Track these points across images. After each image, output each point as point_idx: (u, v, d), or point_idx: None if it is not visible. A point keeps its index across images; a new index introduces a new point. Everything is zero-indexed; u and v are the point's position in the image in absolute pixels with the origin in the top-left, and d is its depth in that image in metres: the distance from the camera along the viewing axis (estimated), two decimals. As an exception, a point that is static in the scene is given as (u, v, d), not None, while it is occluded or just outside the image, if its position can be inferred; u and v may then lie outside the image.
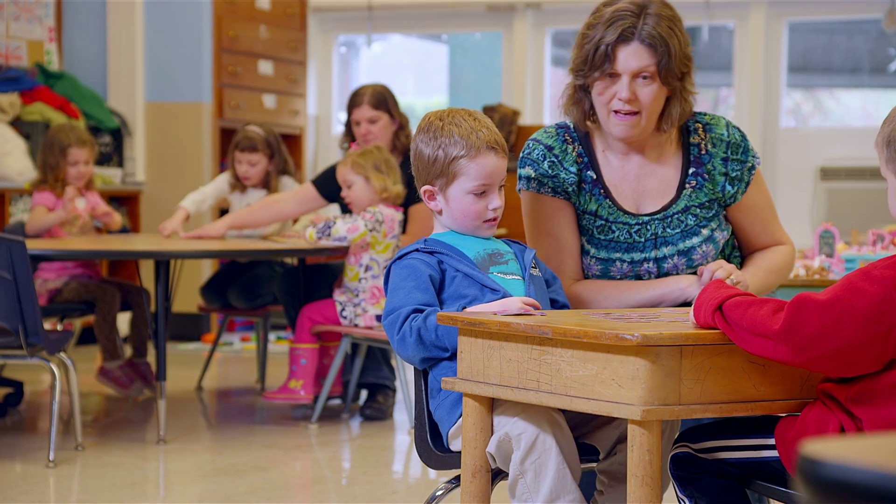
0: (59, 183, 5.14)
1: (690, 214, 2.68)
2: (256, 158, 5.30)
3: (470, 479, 2.25)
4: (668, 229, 2.67)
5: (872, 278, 1.96)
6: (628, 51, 2.56)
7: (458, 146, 2.41)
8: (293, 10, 7.85)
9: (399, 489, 3.97)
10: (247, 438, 4.55)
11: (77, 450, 4.27)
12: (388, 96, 5.10)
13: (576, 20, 8.13)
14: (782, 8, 7.58)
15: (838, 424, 2.04)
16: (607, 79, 2.58)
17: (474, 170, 2.41)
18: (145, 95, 7.33)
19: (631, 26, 2.56)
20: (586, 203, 2.68)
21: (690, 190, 2.68)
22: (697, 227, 2.67)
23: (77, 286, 5.03)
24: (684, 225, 2.67)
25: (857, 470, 1.04)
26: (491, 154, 2.42)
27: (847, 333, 1.94)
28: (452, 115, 2.45)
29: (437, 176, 2.43)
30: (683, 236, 2.67)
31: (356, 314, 4.63)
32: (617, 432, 2.32)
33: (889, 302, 1.95)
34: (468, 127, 2.42)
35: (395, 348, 2.39)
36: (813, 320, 1.95)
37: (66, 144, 5.13)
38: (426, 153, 2.44)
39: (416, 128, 2.51)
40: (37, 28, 7.24)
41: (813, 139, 7.60)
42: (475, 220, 2.44)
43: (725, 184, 2.69)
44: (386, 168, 4.63)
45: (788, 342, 1.95)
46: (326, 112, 8.39)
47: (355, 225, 4.54)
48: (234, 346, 7.00)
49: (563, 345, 2.07)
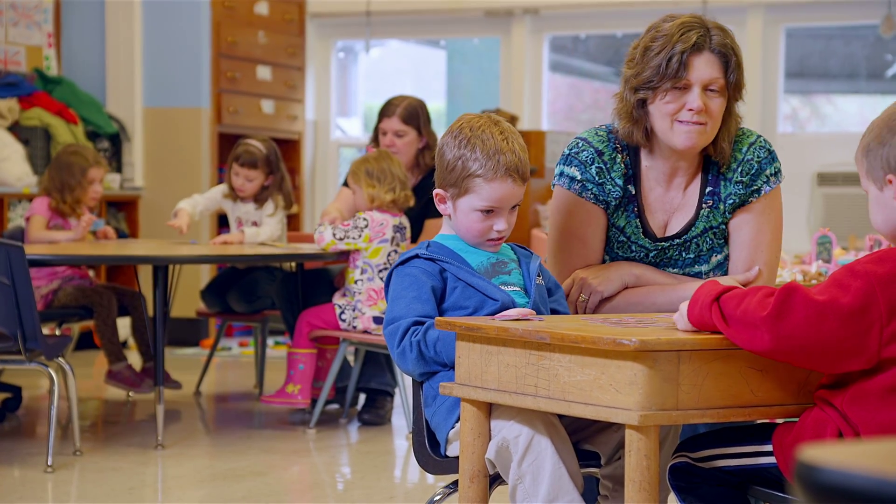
0: (77, 204, 5.21)
1: (708, 238, 2.67)
2: (254, 175, 5.30)
3: (468, 484, 2.26)
4: (684, 253, 2.68)
5: (856, 273, 1.97)
6: (701, 60, 2.56)
7: (478, 164, 2.38)
8: (291, 15, 7.86)
9: (397, 494, 3.97)
10: (245, 443, 4.56)
11: (75, 455, 4.28)
12: (420, 113, 5.03)
13: (574, 26, 8.15)
14: (780, 14, 7.59)
15: (836, 429, 2.04)
16: (673, 91, 2.56)
17: (486, 192, 2.39)
18: (144, 101, 7.34)
19: (703, 35, 2.58)
20: (618, 217, 2.67)
21: (707, 210, 2.67)
22: (710, 253, 2.67)
23: (73, 291, 5.04)
24: (700, 250, 2.67)
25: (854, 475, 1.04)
26: (507, 181, 2.38)
27: (830, 326, 1.95)
28: (484, 129, 2.40)
29: (451, 184, 2.42)
30: (694, 262, 2.68)
31: (354, 317, 4.65)
32: (618, 436, 2.32)
33: (872, 296, 1.95)
34: (494, 147, 2.38)
35: (396, 360, 2.40)
36: (799, 309, 1.96)
37: (87, 166, 5.22)
38: (447, 157, 2.42)
39: (450, 125, 2.48)
40: (35, 33, 7.25)
41: (810, 145, 7.62)
42: (477, 237, 2.44)
43: (727, 209, 2.67)
44: (379, 177, 4.63)
45: (773, 329, 1.96)
46: (324, 117, 8.39)
47: (322, 236, 4.66)
48: (233, 351, 7.00)
49: (561, 350, 2.07)
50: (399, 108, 5.01)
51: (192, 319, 6.88)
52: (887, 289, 1.95)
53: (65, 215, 5.23)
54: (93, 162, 5.27)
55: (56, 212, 5.22)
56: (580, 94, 10.83)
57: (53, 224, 5.24)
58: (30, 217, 5.23)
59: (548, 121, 8.22)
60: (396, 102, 5.05)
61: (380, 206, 4.65)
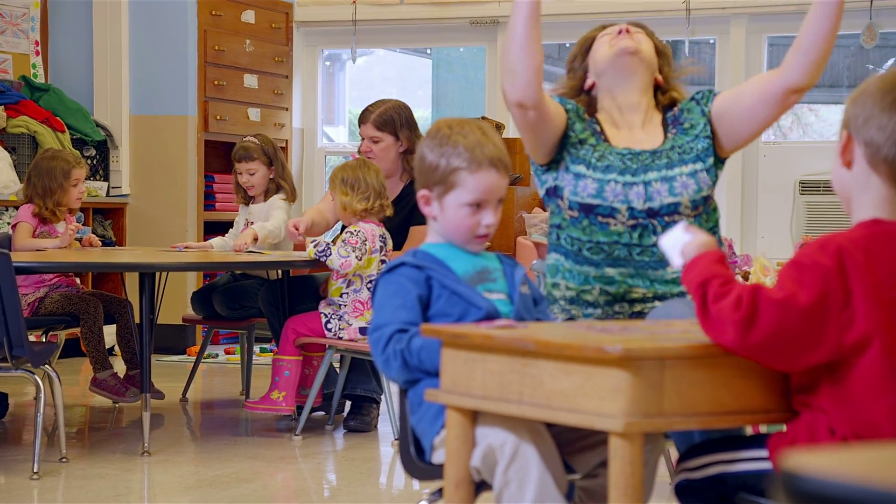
0: (60, 208, 5.21)
1: (676, 151, 2.95)
2: (254, 167, 5.39)
3: (453, 491, 2.27)
4: (657, 160, 2.94)
5: (804, 267, 2.02)
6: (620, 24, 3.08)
7: (461, 158, 2.40)
8: (278, 24, 7.87)
9: (383, 500, 3.98)
10: (231, 450, 4.56)
11: (61, 462, 4.28)
12: (396, 117, 5.00)
13: (557, 35, 8.17)
14: (762, 23, 7.63)
15: (828, 429, 2.06)
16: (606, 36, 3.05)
17: (472, 183, 2.41)
18: (131, 108, 7.34)
19: None
20: (585, 134, 2.97)
21: (673, 135, 2.99)
22: (681, 162, 2.93)
23: (59, 298, 5.04)
24: (668, 159, 2.93)
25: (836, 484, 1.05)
26: (492, 171, 2.41)
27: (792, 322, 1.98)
28: (462, 125, 2.45)
29: (435, 183, 2.43)
30: (668, 166, 2.93)
31: (340, 327, 4.65)
32: (597, 458, 2.34)
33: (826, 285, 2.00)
34: (475, 140, 2.42)
35: (380, 368, 2.41)
36: (765, 310, 1.99)
37: (69, 167, 5.22)
38: (429, 159, 2.44)
39: (426, 132, 2.51)
40: (22, 41, 7.25)
41: (793, 153, 7.65)
42: (466, 234, 2.45)
43: (699, 135, 2.97)
44: (353, 185, 4.62)
45: (742, 331, 1.99)
46: (311, 125, 8.41)
47: (348, 261, 4.57)
48: (219, 358, 7.00)
49: (546, 357, 2.08)
50: (373, 115, 5.01)
51: (179, 326, 6.88)
52: (838, 276, 2.00)
53: (49, 221, 5.23)
54: (74, 163, 5.27)
55: (41, 219, 5.22)
56: (565, 103, 10.85)
57: (40, 232, 5.24)
58: (16, 225, 5.23)
59: (533, 129, 8.24)
60: (372, 108, 5.05)
61: (353, 214, 4.65)
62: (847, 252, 2.03)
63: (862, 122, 2.07)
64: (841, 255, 2.02)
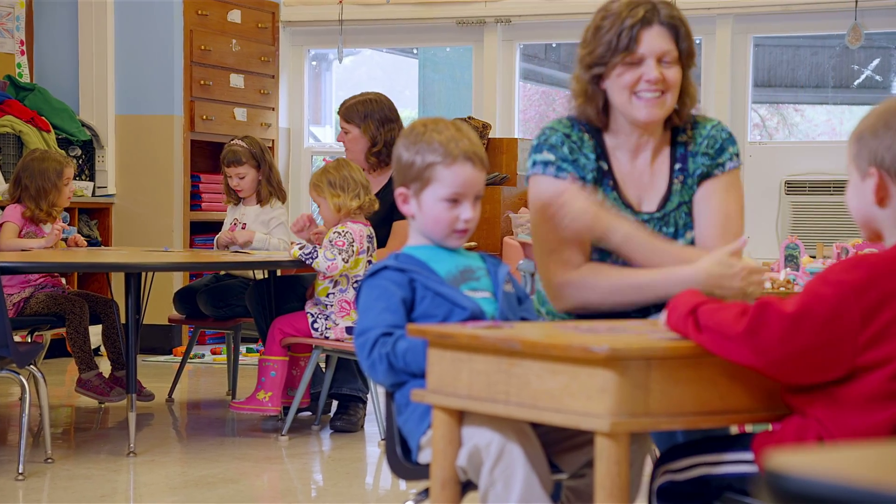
0: (55, 209, 5.21)
1: (684, 212, 2.70)
2: (243, 171, 5.41)
3: (440, 491, 2.27)
4: (665, 228, 2.69)
5: (828, 282, 1.99)
6: (652, 33, 2.62)
7: (436, 153, 2.41)
8: (265, 23, 7.86)
9: (369, 500, 3.98)
10: (217, 450, 4.56)
11: (47, 462, 4.27)
12: (362, 109, 5.05)
13: (545, 35, 8.18)
14: (748, 24, 7.65)
15: (817, 436, 2.05)
16: (626, 66, 2.61)
17: (449, 177, 2.41)
18: (116, 108, 7.32)
19: (651, 10, 2.63)
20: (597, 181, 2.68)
21: (679, 185, 2.71)
22: (685, 229, 2.70)
23: (45, 298, 5.03)
24: (677, 224, 2.70)
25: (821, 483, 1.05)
26: (468, 164, 2.42)
27: (806, 336, 1.97)
28: (437, 123, 2.47)
29: (412, 180, 2.44)
30: (674, 234, 2.69)
31: (327, 326, 4.65)
32: (584, 458, 2.35)
33: (844, 303, 1.97)
34: (449, 136, 2.43)
35: (366, 371, 2.41)
36: (774, 323, 1.97)
37: (61, 167, 5.24)
38: (405, 157, 2.45)
39: (401, 132, 2.53)
40: (8, 41, 7.22)
41: (778, 153, 7.67)
42: (445, 229, 2.44)
43: (694, 183, 2.71)
44: (342, 185, 4.62)
45: (751, 345, 1.98)
46: (297, 125, 8.40)
47: (335, 264, 4.56)
48: (205, 358, 6.99)
49: (532, 357, 2.08)
50: (342, 107, 5.12)
51: (165, 327, 6.87)
52: (860, 297, 1.97)
53: (40, 222, 5.22)
54: (65, 162, 5.31)
55: (30, 219, 5.22)
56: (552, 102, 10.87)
57: (26, 232, 5.23)
58: (2, 225, 5.22)
59: (520, 129, 8.24)
60: (346, 101, 5.14)
61: (347, 214, 4.64)
62: (880, 272, 1.99)
63: (892, 158, 2.02)
64: (871, 274, 1.99)
